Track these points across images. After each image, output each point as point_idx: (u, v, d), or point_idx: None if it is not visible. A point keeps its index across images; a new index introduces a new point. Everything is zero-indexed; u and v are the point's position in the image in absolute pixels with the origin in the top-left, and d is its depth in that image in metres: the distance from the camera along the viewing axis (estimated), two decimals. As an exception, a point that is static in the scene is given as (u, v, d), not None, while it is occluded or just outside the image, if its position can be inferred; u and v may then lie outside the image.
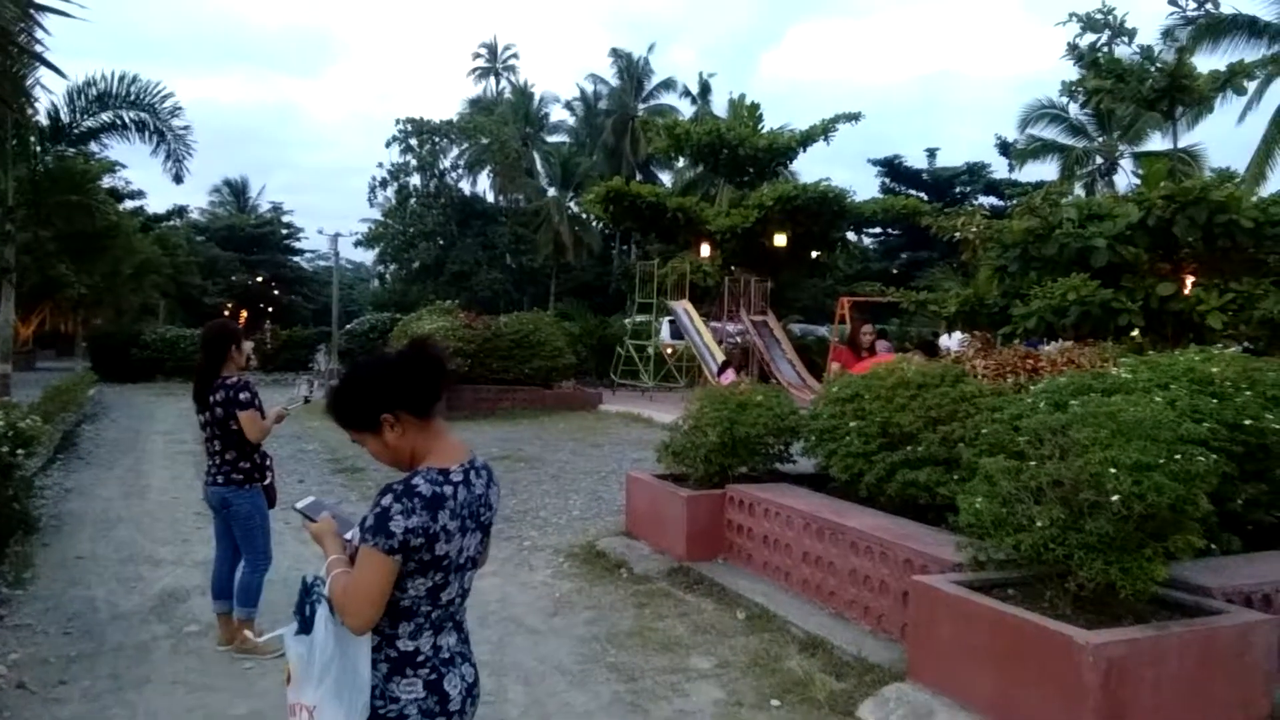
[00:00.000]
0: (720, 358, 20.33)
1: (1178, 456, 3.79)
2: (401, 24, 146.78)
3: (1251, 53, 23.52)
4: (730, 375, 17.35)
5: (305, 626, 2.19)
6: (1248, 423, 4.83)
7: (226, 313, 40.99)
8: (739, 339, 23.49)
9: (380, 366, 2.22)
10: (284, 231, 52.95)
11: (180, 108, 16.00)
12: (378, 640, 2.12)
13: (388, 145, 41.78)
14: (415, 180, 42.60)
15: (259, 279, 48.72)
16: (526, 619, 5.68)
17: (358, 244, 42.98)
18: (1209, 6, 14.67)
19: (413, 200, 42.14)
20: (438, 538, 2.04)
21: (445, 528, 2.06)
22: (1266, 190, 19.11)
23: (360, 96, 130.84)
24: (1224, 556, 4.68)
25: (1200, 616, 3.89)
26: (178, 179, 16.50)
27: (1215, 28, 24.05)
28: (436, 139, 42.12)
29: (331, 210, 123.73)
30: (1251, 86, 22.01)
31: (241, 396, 4.92)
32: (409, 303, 34.66)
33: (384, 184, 42.48)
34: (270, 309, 49.16)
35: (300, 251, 56.21)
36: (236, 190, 56.40)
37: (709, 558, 6.69)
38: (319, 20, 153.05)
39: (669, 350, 23.71)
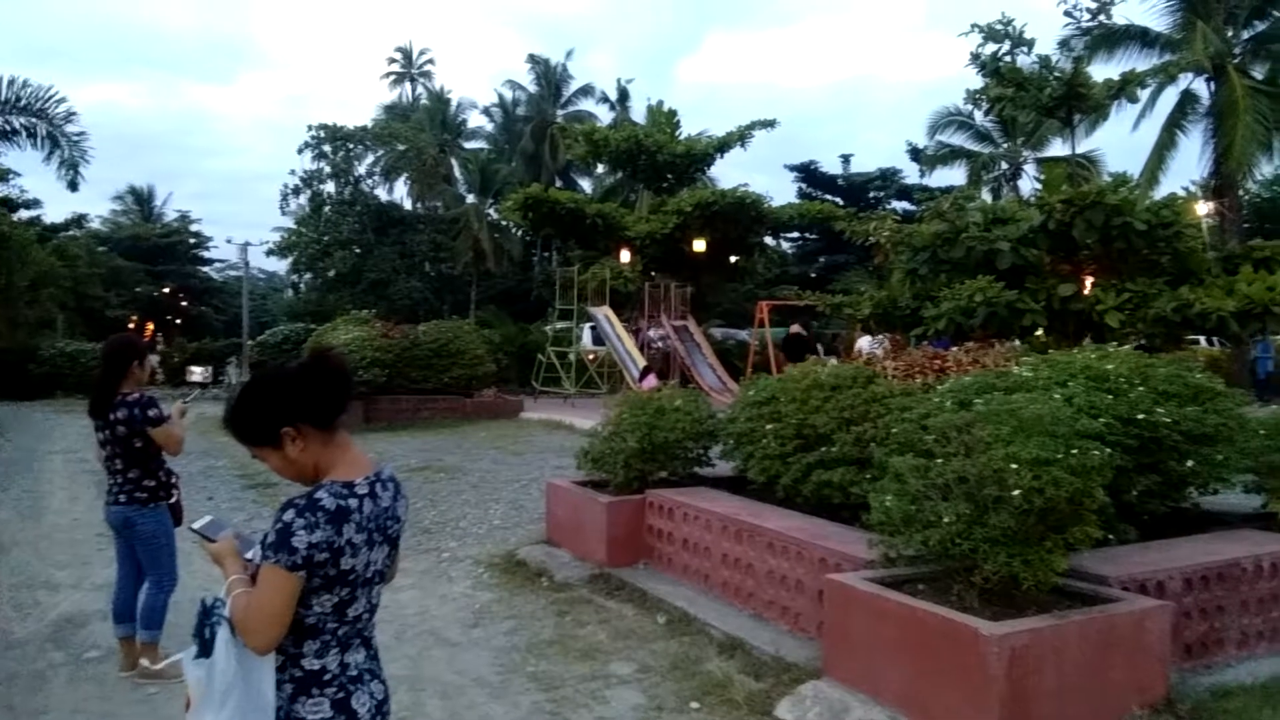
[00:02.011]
0: (641, 363, 20.39)
1: (1075, 451, 3.93)
2: (315, 30, 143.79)
3: (1144, 62, 24.62)
4: (652, 380, 17.42)
5: (205, 650, 2.12)
6: (1141, 417, 5.04)
7: (131, 325, 39.53)
8: (660, 344, 23.60)
9: (279, 378, 2.16)
10: (192, 241, 51.20)
11: (75, 113, 15.46)
12: (282, 660, 2.06)
13: (300, 152, 40.85)
14: (329, 187, 41.72)
15: (166, 290, 47.04)
16: (445, 631, 5.60)
17: (270, 253, 41.88)
18: (1103, 18, 15.30)
19: (327, 208, 41.23)
20: (343, 552, 2.00)
21: (351, 542, 2.01)
22: (1159, 194, 20.00)
23: (271, 103, 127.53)
24: (1121, 546, 4.88)
25: (1099, 605, 4.04)
26: (73, 186, 15.90)
27: (1109, 38, 25.11)
28: (351, 145, 41.33)
29: (242, 219, 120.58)
30: (1144, 94, 23.02)
31: (151, 413, 4.76)
32: (325, 312, 33.87)
33: (296, 191, 41.49)
34: (178, 321, 47.53)
35: (209, 261, 54.47)
36: (142, 198, 54.38)
37: (630, 563, 6.69)
38: (230, 26, 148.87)
39: (590, 356, 23.68)
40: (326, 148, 40.73)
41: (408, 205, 45.39)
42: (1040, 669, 3.66)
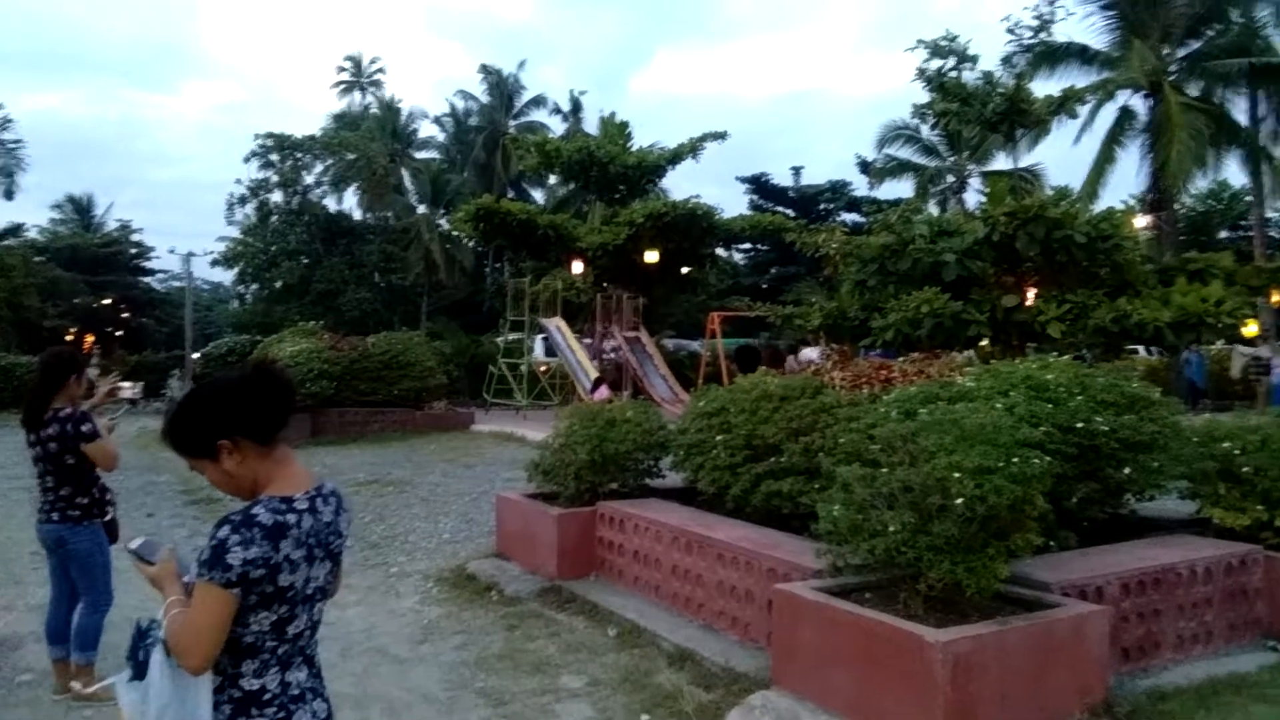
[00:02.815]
0: (594, 374, 20.36)
1: (1016, 460, 4.01)
2: (261, 37, 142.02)
3: (1084, 79, 25.33)
4: (604, 392, 17.42)
5: (139, 672, 2.06)
6: (1080, 425, 5.15)
7: (70, 337, 38.52)
8: (613, 355, 23.60)
9: (218, 390, 2.12)
10: (133, 251, 50.09)
11: (11, 120, 15.02)
12: (220, 680, 2.02)
13: (246, 160, 40.24)
14: (277, 197, 41.12)
15: (106, 301, 45.93)
16: (393, 648, 5.52)
17: (215, 263, 41.12)
18: (1044, 35, 15.70)
19: (274, 217, 40.64)
20: (280, 569, 1.96)
21: (289, 558, 1.98)
22: (1099, 207, 20.50)
23: (216, 110, 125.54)
24: (1061, 552, 4.98)
25: (1040, 610, 4.11)
26: (8, 195, 15.49)
27: (1051, 55, 25.76)
28: (299, 154, 40.80)
29: (186, 228, 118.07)
30: (1084, 110, 23.67)
31: (85, 429, 4.63)
32: (272, 324, 33.33)
33: (243, 201, 40.83)
34: (119, 333, 46.42)
35: (152, 271, 53.27)
36: (81, 207, 53.07)
37: (581, 576, 6.66)
38: (173, 32, 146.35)
39: (543, 368, 23.59)
40: (274, 156, 40.17)
41: (357, 215, 44.92)
42: (984, 674, 3.71)
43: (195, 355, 29.13)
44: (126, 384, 27.77)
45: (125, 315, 47.47)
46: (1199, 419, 6.72)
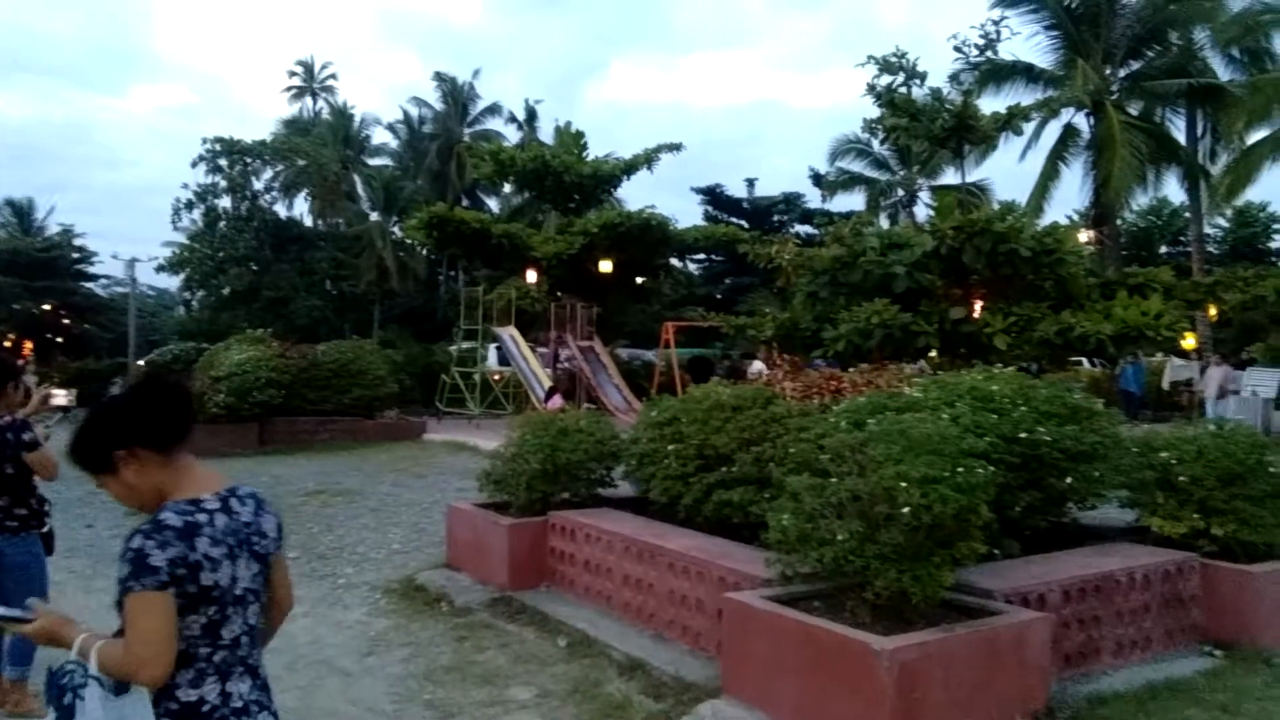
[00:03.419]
0: (547, 384, 20.30)
1: (961, 469, 4.07)
2: (211, 41, 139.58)
3: (1029, 96, 25.92)
4: (557, 401, 17.36)
5: (66, 715, 2.00)
6: (1023, 435, 5.26)
7: (8, 344, 37.48)
8: (567, 364, 23.55)
9: (111, 405, 2.16)
10: (75, 255, 48.76)
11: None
12: (157, 694, 1.99)
13: (194, 165, 39.49)
14: (225, 202, 40.38)
15: (46, 307, 44.72)
16: (339, 661, 5.44)
17: (160, 269, 40.27)
18: (990, 54, 16.03)
19: (222, 223, 39.89)
20: (201, 567, 1.97)
21: (208, 555, 1.99)
22: (1044, 222, 20.96)
23: (163, 114, 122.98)
24: (1005, 560, 5.06)
25: (984, 617, 4.18)
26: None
27: (997, 73, 26.34)
28: (249, 160, 40.14)
29: (131, 233, 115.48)
30: (1030, 127, 24.24)
31: (26, 437, 4.52)
32: (219, 331, 32.65)
33: (190, 206, 40.00)
34: (60, 339, 45.21)
35: (94, 277, 51.91)
36: (20, 211, 51.60)
37: (532, 586, 6.63)
38: (119, 34, 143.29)
39: (496, 377, 23.46)
40: (222, 161, 39.47)
41: (308, 222, 44.32)
42: (929, 681, 3.76)
43: (140, 363, 28.48)
44: (60, 391, 27.05)
45: (66, 321, 46.24)
46: (1138, 430, 6.89)
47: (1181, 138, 26.96)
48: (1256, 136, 23.32)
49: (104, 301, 52.83)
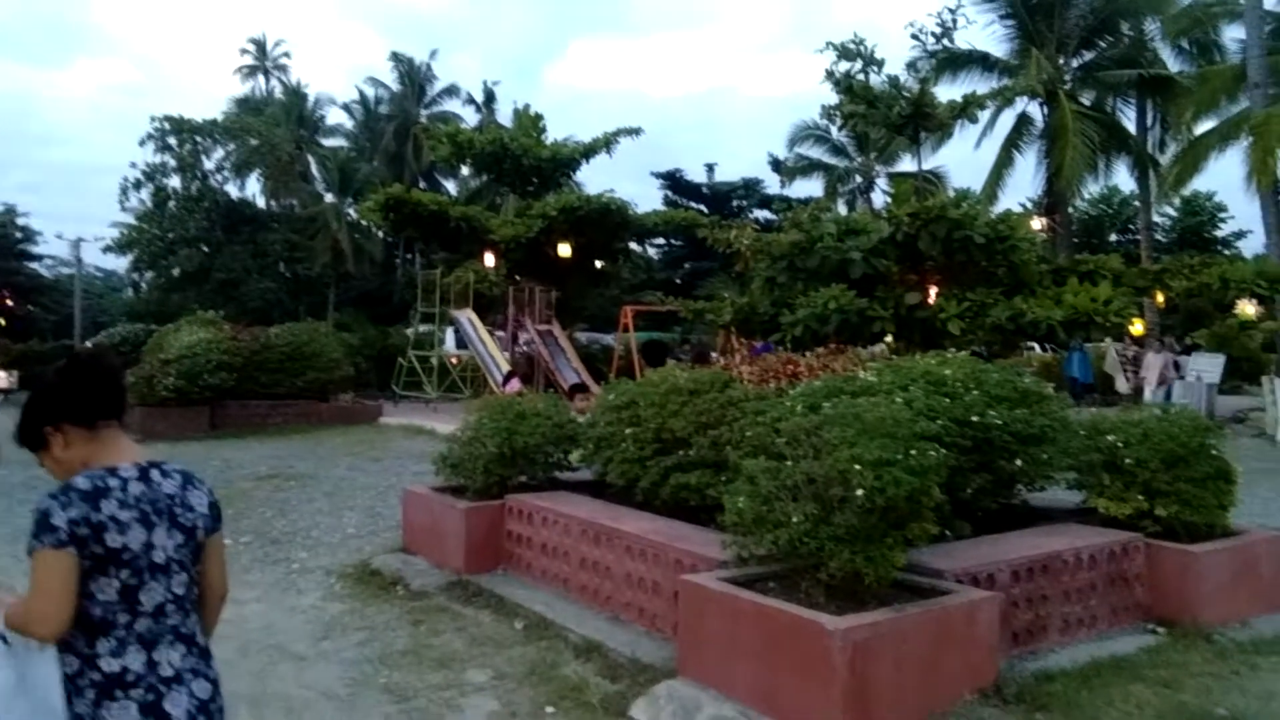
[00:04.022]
0: (505, 367, 20.21)
1: (914, 452, 4.12)
2: (160, 15, 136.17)
3: (985, 85, 26.22)
4: (515, 385, 17.30)
5: None
6: (975, 419, 5.34)
7: (-51, 325, 36.43)
8: (525, 348, 23.46)
9: (42, 383, 2.24)
10: (18, 235, 47.47)
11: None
12: (79, 665, 2.02)
13: (142, 144, 38.62)
14: (175, 182, 39.58)
15: (-12, 288, 43.51)
16: (292, 645, 5.38)
17: (107, 249, 39.42)
18: (946, 42, 16.17)
19: (172, 203, 39.09)
20: (105, 528, 2.01)
21: (114, 517, 2.02)
22: (998, 210, 21.26)
23: (111, 90, 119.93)
24: (956, 541, 5.15)
25: (935, 597, 4.25)
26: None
27: (953, 61, 26.60)
28: (199, 139, 39.34)
29: (77, 212, 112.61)
30: (985, 115, 24.50)
31: None
32: (169, 313, 32.02)
33: (138, 185, 39.16)
34: (2, 321, 44.03)
35: (38, 257, 50.56)
36: (-41, 189, 50.18)
37: (489, 569, 6.61)
38: (63, 5, 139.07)
39: (454, 360, 23.31)
40: (172, 140, 38.65)
41: (261, 203, 43.57)
42: (881, 660, 3.82)
43: (86, 345, 27.85)
44: (1, 374, 26.40)
45: (9, 303, 45.04)
46: (1085, 413, 7.03)
47: (1132, 127, 27.48)
48: (1204, 127, 23.80)
49: (49, 282, 51.54)
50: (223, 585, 2.35)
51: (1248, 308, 18.62)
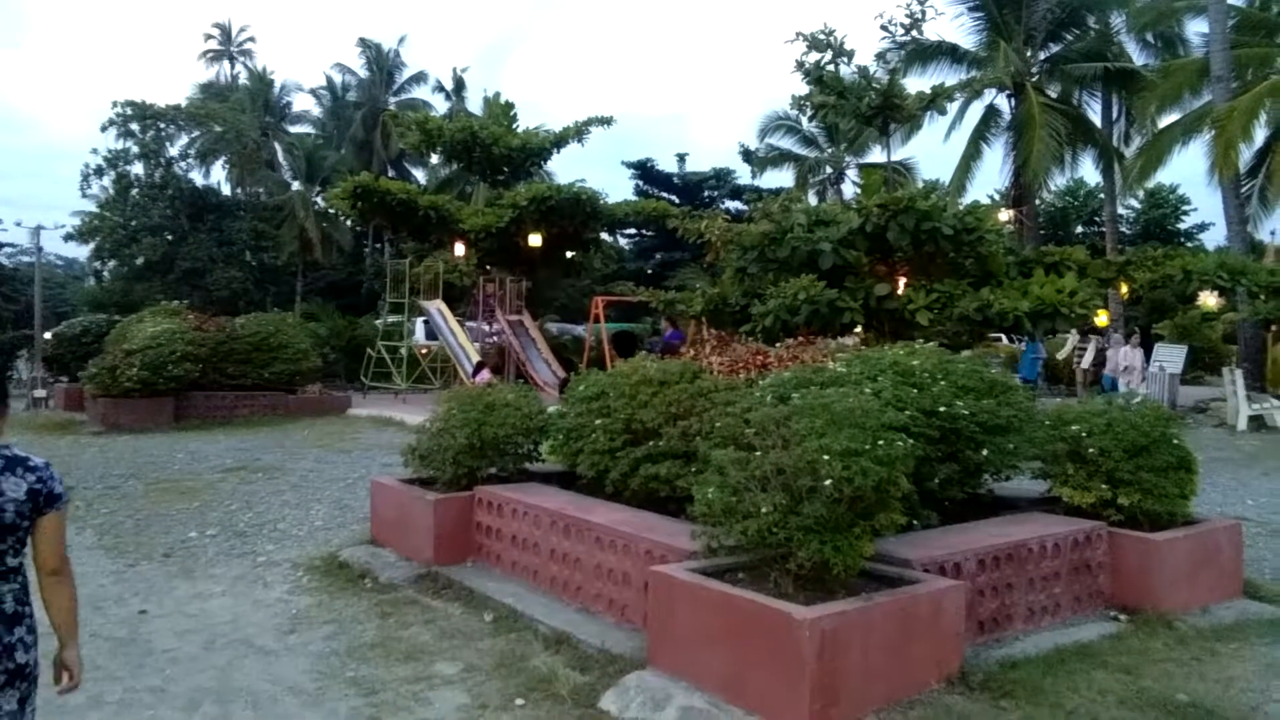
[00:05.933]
0: (475, 358, 20.10)
1: (881, 442, 4.15)
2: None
3: (954, 76, 26.38)
4: (486, 376, 17.23)
5: None
6: (942, 409, 5.38)
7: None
8: (496, 339, 23.34)
9: None
10: (-24, 222, 46.63)
11: None
12: None
13: (104, 130, 37.85)
14: (138, 169, 38.88)
15: (-56, 277, 42.58)
16: (258, 639, 5.33)
17: (68, 238, 38.65)
18: (915, 33, 16.21)
19: (135, 190, 38.39)
20: None
21: None
22: (966, 201, 21.38)
23: (70, 72, 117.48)
24: (923, 531, 5.20)
25: (902, 586, 4.28)
26: None
27: (923, 53, 26.73)
28: (162, 125, 38.64)
29: (37, 199, 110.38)
30: (953, 107, 24.67)
31: None
32: (132, 303, 31.54)
33: (100, 172, 38.40)
34: (-41, 310, 43.11)
35: (-4, 245, 49.67)
36: (-86, 174, 49.00)
37: (458, 561, 6.58)
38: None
39: (423, 351, 23.14)
40: (134, 126, 37.92)
41: (226, 190, 42.95)
42: (849, 649, 3.84)
43: (47, 335, 27.29)
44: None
45: (-34, 292, 44.09)
46: (1050, 404, 7.11)
47: (1098, 120, 27.77)
48: (1168, 120, 24.13)
49: (8, 271, 50.39)
50: (50, 562, 2.57)
51: (1209, 299, 18.91)
